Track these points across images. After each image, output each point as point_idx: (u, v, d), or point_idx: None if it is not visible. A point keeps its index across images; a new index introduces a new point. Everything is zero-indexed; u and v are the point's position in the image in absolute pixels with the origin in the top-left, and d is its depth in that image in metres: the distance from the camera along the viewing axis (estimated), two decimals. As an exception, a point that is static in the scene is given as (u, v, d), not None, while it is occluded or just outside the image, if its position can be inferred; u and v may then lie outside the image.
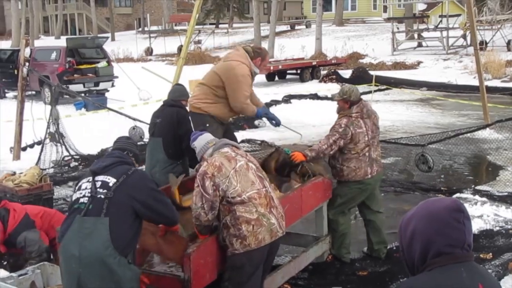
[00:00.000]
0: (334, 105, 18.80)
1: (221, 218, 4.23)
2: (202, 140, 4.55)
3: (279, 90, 20.28)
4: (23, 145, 11.29)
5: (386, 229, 6.19)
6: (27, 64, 10.44)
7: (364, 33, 37.12)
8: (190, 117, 6.26)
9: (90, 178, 3.78)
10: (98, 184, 3.71)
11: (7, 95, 21.45)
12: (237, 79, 6.09)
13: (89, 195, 3.68)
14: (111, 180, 3.71)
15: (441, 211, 2.08)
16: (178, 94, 6.48)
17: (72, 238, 3.58)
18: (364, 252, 6.25)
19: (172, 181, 5.21)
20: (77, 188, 3.83)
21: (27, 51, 10.62)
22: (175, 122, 6.15)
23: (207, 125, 6.02)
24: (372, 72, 21.69)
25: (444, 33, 28.61)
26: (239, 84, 6.11)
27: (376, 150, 5.94)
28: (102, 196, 3.65)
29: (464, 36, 28.49)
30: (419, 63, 26.35)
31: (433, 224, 2.07)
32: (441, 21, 31.61)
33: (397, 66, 25.91)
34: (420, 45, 31.27)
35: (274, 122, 6.68)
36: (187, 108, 6.46)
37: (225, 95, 6.34)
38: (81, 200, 3.69)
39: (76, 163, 11.06)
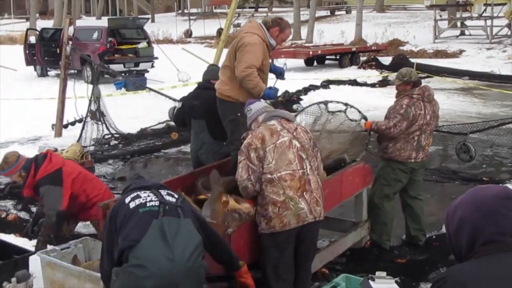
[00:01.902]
0: (374, 91, 18.56)
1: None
2: (259, 104, 4.53)
3: (317, 76, 20.14)
4: (64, 122, 11.48)
5: (425, 217, 6.12)
6: (70, 43, 10.57)
7: (405, 20, 36.48)
8: (219, 106, 5.74)
9: (148, 191, 3.48)
10: (164, 192, 3.50)
11: (49, 73, 21.80)
12: (244, 49, 5.46)
13: (156, 199, 3.40)
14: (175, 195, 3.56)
15: (490, 199, 2.02)
16: (212, 74, 6.41)
17: (157, 240, 3.20)
18: (403, 239, 6.19)
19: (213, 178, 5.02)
20: (132, 196, 3.44)
21: (70, 30, 10.75)
22: (214, 104, 5.90)
23: (239, 114, 5.40)
24: (412, 60, 21.36)
25: (488, 22, 27.91)
26: (244, 53, 5.46)
27: (427, 138, 5.83)
28: (173, 202, 3.43)
29: (509, 26, 27.79)
30: (461, 51, 25.78)
31: (482, 211, 2.01)
32: (485, 9, 30.79)
33: (439, 54, 25.41)
34: (462, 33, 30.60)
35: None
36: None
37: None
38: (149, 204, 3.36)
39: (116, 142, 11.22)
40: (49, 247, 5.03)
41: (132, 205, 3.37)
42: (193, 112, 6.38)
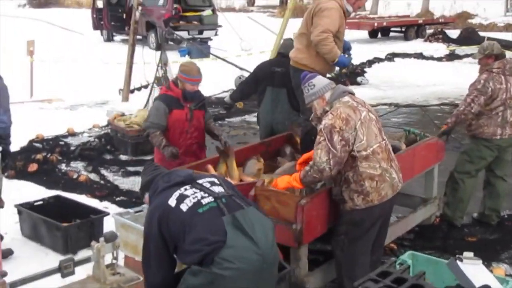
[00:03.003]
0: (440, 65, 18.00)
1: (342, 172, 4.07)
2: (323, 80, 4.29)
3: (382, 48, 19.73)
4: (131, 87, 11.65)
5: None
6: (139, 8, 10.65)
7: (475, -8, 35.28)
8: (293, 75, 5.66)
9: (187, 187, 3.26)
10: (207, 185, 3.29)
11: (114, 38, 22.14)
12: (321, 13, 5.38)
13: (206, 194, 3.21)
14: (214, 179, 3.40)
15: None
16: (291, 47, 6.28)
17: (239, 238, 3.06)
18: (474, 218, 6.06)
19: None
20: (177, 198, 3.19)
21: (140, -5, 10.83)
22: None
23: None
24: (482, 33, 20.66)
25: None
26: (321, 17, 5.37)
27: None
28: (224, 192, 3.25)
29: None
30: (534, 26, 24.80)
31: None
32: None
33: (510, 28, 24.42)
34: (536, 6, 29.40)
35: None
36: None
37: None
38: (204, 201, 3.17)
39: (181, 109, 11.30)
40: (122, 209, 5.13)
41: (184, 207, 3.14)
42: (273, 79, 6.29)
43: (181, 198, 3.18)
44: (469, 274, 3.32)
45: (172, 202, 3.17)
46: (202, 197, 3.18)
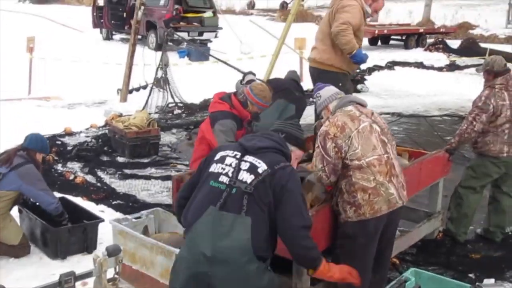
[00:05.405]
0: (441, 75, 18.05)
1: (338, 182, 4.02)
2: (330, 91, 4.27)
3: (382, 56, 19.65)
4: (129, 88, 11.52)
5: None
6: (142, 8, 10.53)
7: (476, 3, 35.16)
8: (318, 76, 5.74)
9: (238, 154, 3.25)
10: (246, 166, 3.18)
11: (114, 37, 22.00)
12: (342, 9, 5.62)
13: (230, 175, 3.16)
14: (262, 166, 3.17)
15: None
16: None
17: (204, 234, 3.06)
18: (477, 233, 5.95)
19: None
20: (218, 157, 3.27)
21: (143, -5, 10.71)
22: None
23: (340, 84, 5.32)
24: (484, 45, 20.58)
25: None
26: (341, 12, 5.59)
27: None
28: (245, 185, 3.11)
29: None
30: (535, 38, 24.75)
31: None
32: None
33: (511, 40, 24.44)
34: (537, 19, 29.36)
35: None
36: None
37: None
38: (220, 179, 3.17)
39: (180, 111, 11.20)
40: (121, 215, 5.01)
41: (212, 168, 3.23)
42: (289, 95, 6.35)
43: (219, 161, 3.24)
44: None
45: (217, 156, 3.28)
46: (225, 174, 3.17)
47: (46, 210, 5.10)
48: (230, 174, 3.17)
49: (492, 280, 3.31)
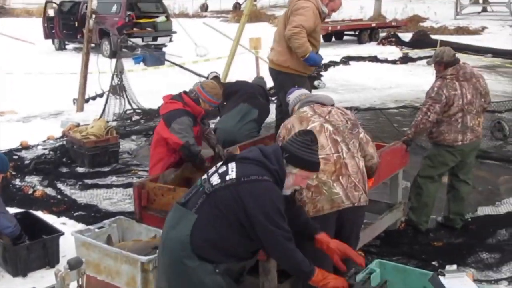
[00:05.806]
0: (395, 68, 18.32)
1: None
2: (296, 93, 4.42)
3: (336, 52, 19.85)
4: (86, 97, 11.37)
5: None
6: (93, 16, 10.41)
7: (425, -4, 35.94)
8: (275, 77, 5.86)
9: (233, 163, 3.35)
10: (222, 170, 3.29)
11: (67, 47, 21.70)
12: (296, 12, 5.59)
13: (206, 177, 3.35)
14: (231, 174, 3.23)
15: None
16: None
17: (165, 225, 3.42)
18: (438, 222, 6.06)
19: None
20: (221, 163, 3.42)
21: (94, 3, 10.58)
22: None
23: (296, 86, 5.26)
24: (435, 37, 20.99)
25: (511, -2, 27.43)
26: (295, 15, 5.56)
27: (474, 118, 5.61)
28: (211, 184, 3.25)
29: (532, 2, 27.29)
30: (483, 28, 25.32)
31: None
32: (508, -15, 30.28)
33: (460, 31, 24.96)
34: (485, 10, 30.07)
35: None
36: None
37: None
38: (204, 177, 3.39)
39: (138, 117, 11.11)
40: (83, 226, 4.94)
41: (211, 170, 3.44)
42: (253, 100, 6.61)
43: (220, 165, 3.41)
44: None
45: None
46: (210, 173, 3.36)
47: (3, 233, 4.98)
48: (208, 174, 3.37)
49: (454, 266, 3.36)
